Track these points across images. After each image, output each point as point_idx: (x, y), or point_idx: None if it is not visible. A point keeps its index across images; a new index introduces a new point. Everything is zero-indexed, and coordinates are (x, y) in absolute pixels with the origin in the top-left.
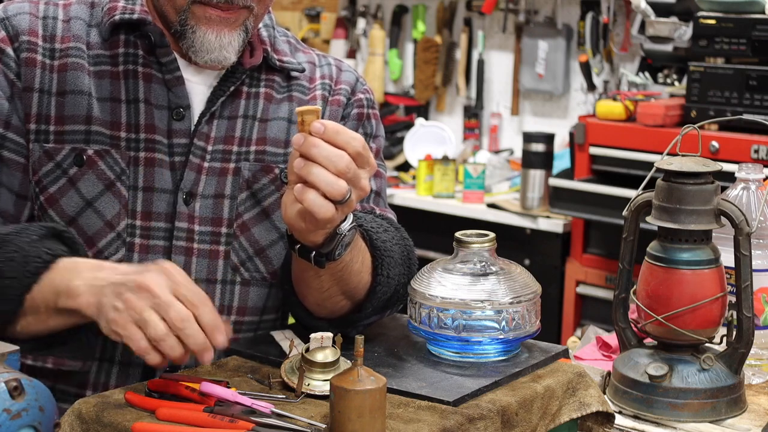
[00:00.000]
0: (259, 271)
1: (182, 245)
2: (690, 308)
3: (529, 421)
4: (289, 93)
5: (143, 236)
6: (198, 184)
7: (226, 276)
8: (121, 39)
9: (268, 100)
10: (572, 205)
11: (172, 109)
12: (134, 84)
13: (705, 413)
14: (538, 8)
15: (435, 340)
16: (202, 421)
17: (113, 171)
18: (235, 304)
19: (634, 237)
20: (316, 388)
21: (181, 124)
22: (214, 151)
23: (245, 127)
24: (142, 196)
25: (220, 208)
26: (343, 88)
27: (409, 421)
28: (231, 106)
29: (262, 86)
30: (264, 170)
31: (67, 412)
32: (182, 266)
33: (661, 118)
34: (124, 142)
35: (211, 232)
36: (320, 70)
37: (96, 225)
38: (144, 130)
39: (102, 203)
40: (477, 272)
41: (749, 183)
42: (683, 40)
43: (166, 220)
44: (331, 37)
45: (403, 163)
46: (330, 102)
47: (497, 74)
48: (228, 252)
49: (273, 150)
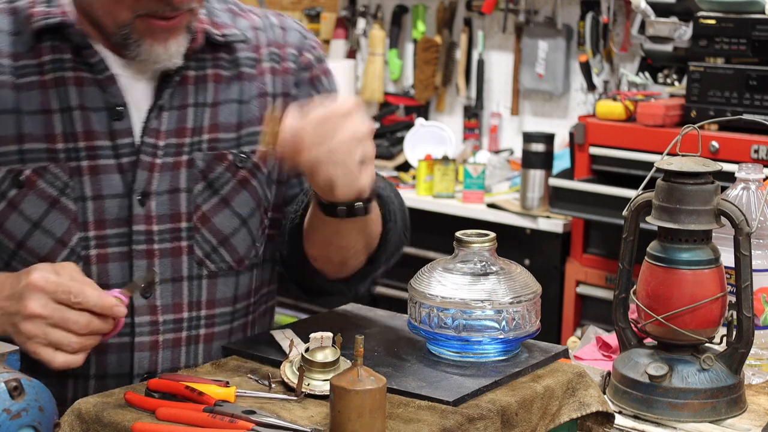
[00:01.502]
0: (225, 261)
1: (142, 248)
2: (690, 308)
3: (529, 421)
4: (237, 70)
5: (99, 246)
6: (151, 183)
7: (192, 272)
8: (46, 45)
9: (217, 82)
10: (572, 205)
11: (109, 110)
12: (65, 91)
13: (705, 413)
14: (538, 8)
15: (435, 340)
16: (202, 421)
17: (55, 187)
18: (204, 298)
19: (634, 237)
20: (316, 388)
21: (121, 123)
22: (167, 146)
23: (197, 115)
24: (92, 206)
25: (177, 203)
26: (289, 52)
27: (409, 421)
28: (179, 95)
29: (209, 68)
30: (218, 158)
31: (67, 412)
32: (143, 271)
33: (661, 118)
34: (63, 154)
35: (170, 230)
36: (265, 35)
37: (47, 245)
38: (83, 137)
39: (49, 222)
40: (477, 272)
41: (749, 183)
42: (683, 40)
43: (121, 225)
44: (331, 37)
45: (403, 163)
46: (279, 72)
47: (497, 74)
48: (191, 247)
49: (225, 136)
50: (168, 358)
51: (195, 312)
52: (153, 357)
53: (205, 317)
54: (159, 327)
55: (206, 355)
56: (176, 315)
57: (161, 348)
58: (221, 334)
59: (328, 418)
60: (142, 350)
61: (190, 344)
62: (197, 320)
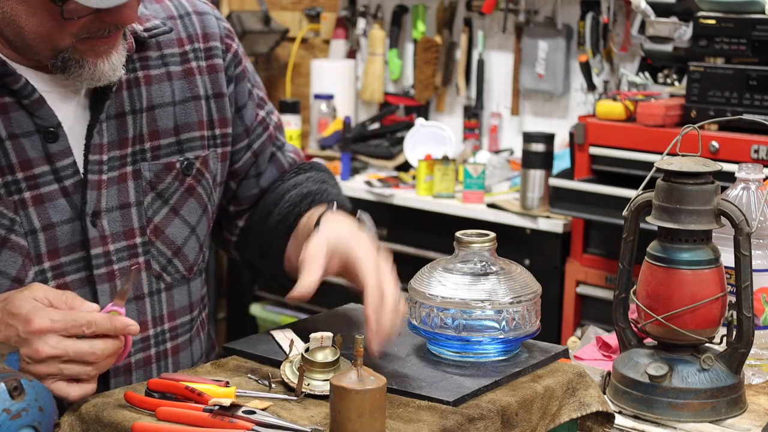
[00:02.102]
0: (179, 271)
1: (103, 272)
2: (690, 308)
3: (529, 421)
4: (166, 69)
5: (57, 276)
6: (101, 200)
7: (151, 287)
8: None
9: (148, 84)
10: (572, 205)
11: (42, 134)
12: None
13: (705, 413)
14: (538, 8)
15: (435, 340)
16: (202, 421)
17: (2, 226)
18: (165, 311)
19: (634, 237)
20: (316, 388)
21: (57, 145)
22: (111, 159)
23: (135, 123)
24: (44, 237)
25: (129, 218)
26: (213, 45)
27: (409, 421)
28: (115, 104)
29: (138, 69)
30: (166, 168)
31: (67, 412)
32: (108, 294)
33: (661, 118)
34: (2, 189)
35: (126, 247)
36: (183, 26)
37: (3, 285)
38: (19, 168)
39: (2, 263)
40: (477, 272)
41: (749, 183)
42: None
43: (77, 250)
44: (331, 37)
45: (403, 163)
46: (207, 70)
47: (497, 74)
48: (148, 261)
49: (165, 142)
50: (141, 378)
51: (159, 327)
52: (128, 379)
53: (168, 330)
54: (130, 349)
55: (176, 369)
56: (143, 333)
57: (134, 369)
58: (184, 344)
59: (328, 418)
60: (117, 375)
61: (159, 360)
62: (162, 335)
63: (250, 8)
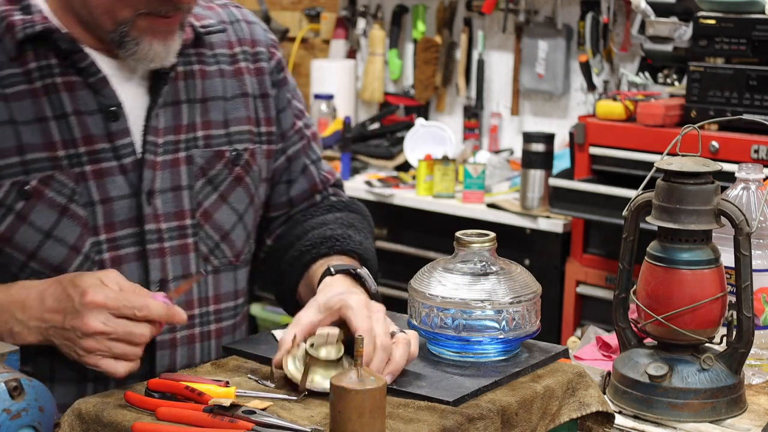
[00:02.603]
0: (226, 256)
1: (155, 247)
2: (690, 308)
3: (529, 421)
4: (218, 66)
5: (111, 249)
6: (155, 181)
7: (198, 267)
8: (30, 54)
9: (203, 77)
10: (572, 205)
11: (104, 112)
12: (57, 98)
13: (705, 413)
14: (538, 8)
15: (435, 340)
16: (202, 421)
17: (63, 194)
18: (211, 293)
19: (634, 237)
20: (318, 385)
21: (118, 124)
22: (165, 143)
23: (189, 112)
24: (101, 210)
25: (181, 200)
26: (260, 51)
27: (409, 421)
28: (172, 91)
29: (195, 63)
30: (217, 156)
31: (67, 412)
32: (158, 269)
33: (661, 118)
34: (65, 161)
35: (177, 227)
36: (233, 31)
37: (61, 253)
38: (82, 143)
39: (61, 230)
40: (477, 272)
41: (749, 183)
42: (683, 40)
43: (132, 225)
44: (331, 37)
45: (403, 163)
46: (253, 72)
47: (497, 74)
48: (196, 243)
49: (217, 132)
50: (185, 355)
51: (204, 308)
52: (172, 354)
53: (213, 312)
54: (176, 325)
55: (218, 351)
56: (188, 311)
57: (178, 345)
58: (228, 329)
59: (328, 418)
60: (162, 348)
61: (203, 341)
62: (207, 316)
63: (250, 8)
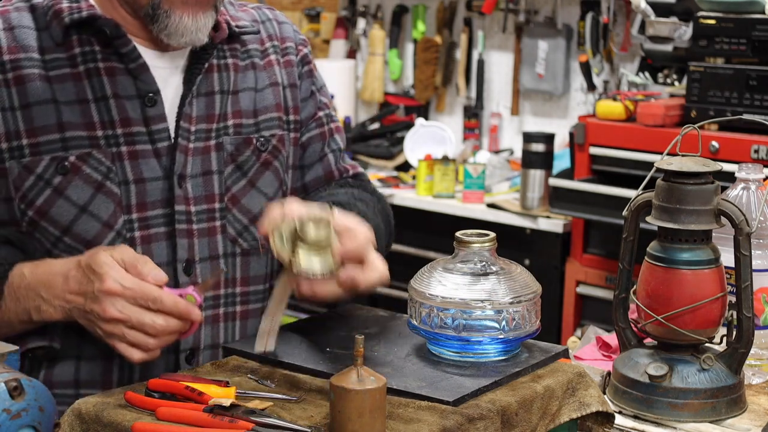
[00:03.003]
0: (256, 239)
1: (183, 228)
2: (690, 308)
3: (529, 421)
4: (250, 59)
5: (142, 228)
6: (186, 166)
7: (226, 249)
8: (74, 39)
9: (236, 71)
10: (572, 205)
11: (142, 97)
12: (98, 81)
13: (705, 413)
14: (538, 8)
15: (435, 340)
16: (202, 421)
17: (99, 172)
18: (239, 275)
19: (634, 237)
20: (305, 267)
21: (155, 110)
22: (198, 131)
23: (222, 102)
24: (135, 189)
25: (211, 184)
26: (288, 45)
27: (409, 421)
28: (206, 83)
29: (228, 57)
30: (245, 143)
31: (67, 412)
32: (186, 249)
33: (661, 118)
34: (103, 141)
35: (206, 210)
36: (264, 29)
37: (94, 228)
38: (120, 125)
39: (95, 206)
40: (477, 272)
41: (749, 183)
42: (683, 40)
43: (163, 206)
44: (331, 37)
45: (403, 163)
46: (283, 64)
47: (497, 74)
48: (224, 226)
49: (246, 122)
50: (209, 335)
51: (230, 289)
52: (196, 333)
53: (240, 294)
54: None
55: (242, 333)
56: (214, 291)
57: (203, 324)
58: (255, 312)
59: (328, 418)
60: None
61: (227, 321)
62: (233, 297)
63: None
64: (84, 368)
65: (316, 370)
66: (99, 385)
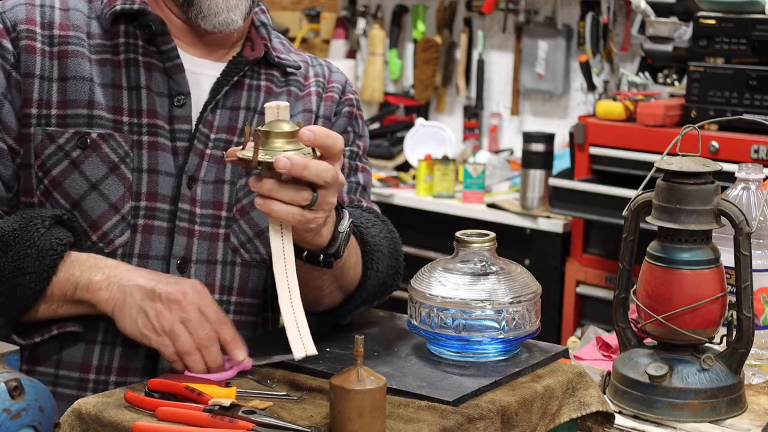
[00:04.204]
0: (259, 252)
1: (184, 226)
2: (690, 308)
3: (529, 421)
4: (287, 87)
5: (147, 217)
6: (200, 170)
7: (226, 257)
8: (121, 29)
9: (268, 93)
10: (572, 205)
11: (172, 96)
12: (135, 72)
13: (705, 413)
14: (538, 8)
15: (435, 340)
16: (202, 421)
17: (117, 154)
18: (236, 284)
19: (634, 237)
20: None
21: (182, 110)
22: (217, 140)
23: (246, 118)
24: (147, 178)
25: (221, 192)
26: (335, 86)
27: (409, 421)
28: (234, 96)
29: (262, 80)
30: None
31: (67, 412)
32: (183, 247)
33: (661, 118)
34: (126, 126)
35: (211, 215)
36: (313, 70)
37: (101, 208)
38: (146, 115)
39: (107, 186)
40: (477, 272)
41: (749, 183)
42: (683, 40)
43: (170, 202)
44: (331, 37)
45: (403, 163)
46: (324, 98)
47: (497, 74)
48: (228, 235)
49: None
50: None
51: (225, 296)
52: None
53: (234, 303)
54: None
55: None
56: None
57: None
58: (248, 324)
59: (328, 418)
60: None
61: None
62: (227, 305)
63: None
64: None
65: (316, 370)
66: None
